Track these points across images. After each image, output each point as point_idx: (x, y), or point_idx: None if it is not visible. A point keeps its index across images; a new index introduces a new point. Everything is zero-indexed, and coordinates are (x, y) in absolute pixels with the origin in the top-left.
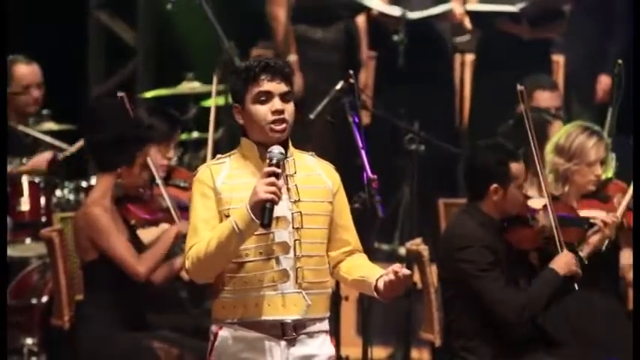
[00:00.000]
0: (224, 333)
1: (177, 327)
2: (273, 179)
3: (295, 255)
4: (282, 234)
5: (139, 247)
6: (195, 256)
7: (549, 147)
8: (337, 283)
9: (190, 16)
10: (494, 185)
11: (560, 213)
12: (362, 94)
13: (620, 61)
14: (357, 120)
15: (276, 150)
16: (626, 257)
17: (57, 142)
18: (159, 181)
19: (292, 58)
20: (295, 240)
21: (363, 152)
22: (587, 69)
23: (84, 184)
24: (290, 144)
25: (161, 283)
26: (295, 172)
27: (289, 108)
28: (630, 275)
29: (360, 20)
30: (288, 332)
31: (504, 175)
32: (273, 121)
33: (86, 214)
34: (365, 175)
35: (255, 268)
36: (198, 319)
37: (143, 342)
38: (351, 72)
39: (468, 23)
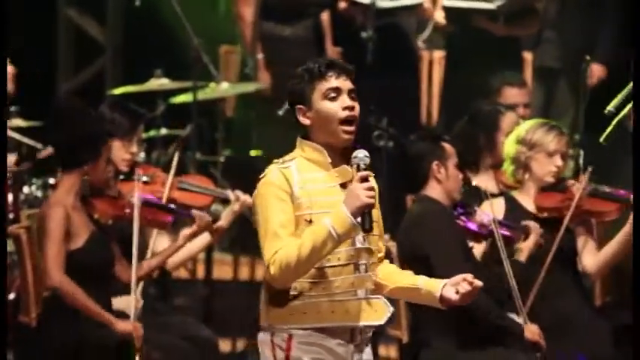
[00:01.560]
0: (300, 339)
1: (145, 324)
2: (369, 184)
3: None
4: (359, 239)
5: (105, 243)
6: (284, 261)
7: (509, 140)
8: None
9: (159, 13)
10: (436, 162)
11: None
12: None
13: (588, 57)
14: None
15: (362, 154)
16: (582, 244)
17: (25, 140)
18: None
19: (259, 57)
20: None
21: None
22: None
23: (51, 180)
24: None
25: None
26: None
27: (357, 106)
28: (588, 261)
29: (325, 16)
30: (357, 337)
31: (440, 152)
32: (345, 119)
33: (43, 212)
34: None
35: (333, 273)
36: (167, 316)
37: (110, 337)
38: None
39: (438, 19)
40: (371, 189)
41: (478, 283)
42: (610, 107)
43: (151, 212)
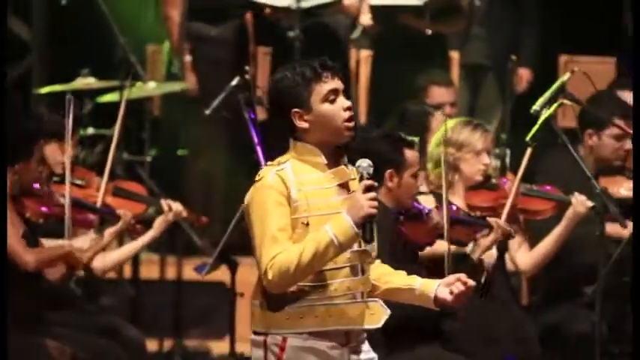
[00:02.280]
0: (293, 343)
1: (71, 324)
2: (374, 194)
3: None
4: (359, 242)
5: (35, 242)
6: (284, 266)
7: (434, 141)
8: (232, 280)
9: (85, 12)
10: (389, 170)
11: (454, 215)
12: (257, 90)
13: (514, 57)
14: (252, 116)
15: (365, 164)
16: (514, 242)
17: None
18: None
19: (187, 59)
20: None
21: (258, 148)
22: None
23: None
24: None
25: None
26: (354, 177)
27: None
28: (521, 260)
29: (249, 17)
30: (352, 340)
31: (399, 161)
32: (348, 119)
33: None
34: None
35: (330, 276)
36: (94, 316)
37: (36, 340)
38: (247, 68)
39: (365, 20)
40: (374, 199)
41: (471, 282)
42: (536, 106)
43: (79, 212)
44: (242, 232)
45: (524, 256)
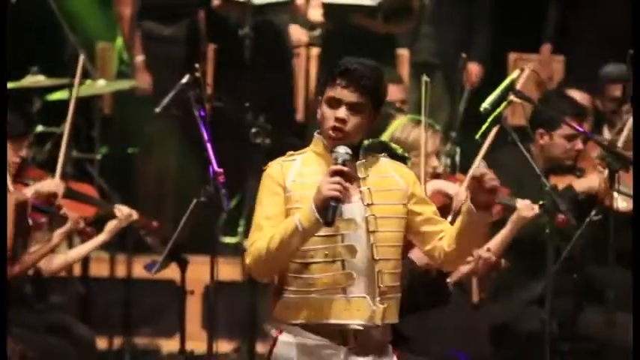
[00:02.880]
0: (284, 338)
1: (21, 322)
2: (338, 178)
3: (373, 258)
4: (349, 236)
5: None
6: (257, 252)
7: (385, 138)
8: (182, 278)
9: (35, 10)
10: None
11: None
12: (207, 88)
13: (464, 55)
14: (202, 113)
15: (342, 150)
16: None
17: None
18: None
19: (139, 58)
20: (372, 244)
21: (208, 145)
22: (455, 57)
23: None
24: (362, 148)
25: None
26: (367, 176)
27: (355, 120)
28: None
29: (201, 15)
30: (350, 340)
31: None
32: (333, 127)
33: None
34: (211, 169)
35: (321, 269)
36: (43, 314)
37: None
38: (197, 66)
39: (313, 16)
40: (337, 182)
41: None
42: (485, 104)
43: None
44: (192, 230)
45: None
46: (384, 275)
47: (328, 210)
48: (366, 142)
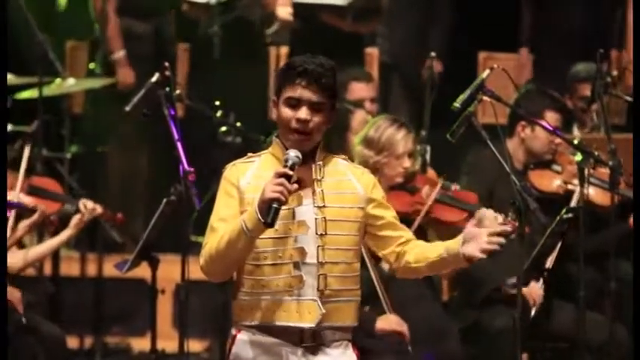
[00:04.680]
0: (242, 336)
1: None
2: (282, 180)
3: (318, 261)
4: (301, 238)
5: None
6: (208, 253)
7: (357, 139)
8: (153, 277)
9: (3, 8)
10: None
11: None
12: (177, 87)
13: (433, 54)
14: (172, 112)
15: (293, 153)
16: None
17: None
18: None
19: (120, 54)
20: (319, 246)
21: (179, 144)
22: (411, 56)
23: None
24: (319, 149)
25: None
26: (323, 177)
27: (317, 119)
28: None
29: (172, 13)
30: (307, 340)
31: None
32: (295, 129)
33: None
34: (181, 168)
35: (273, 271)
36: (13, 313)
37: None
38: (167, 64)
39: (284, 14)
40: (280, 184)
41: (497, 234)
42: (456, 103)
43: None
44: (163, 229)
45: None
46: (328, 279)
47: (270, 211)
48: None
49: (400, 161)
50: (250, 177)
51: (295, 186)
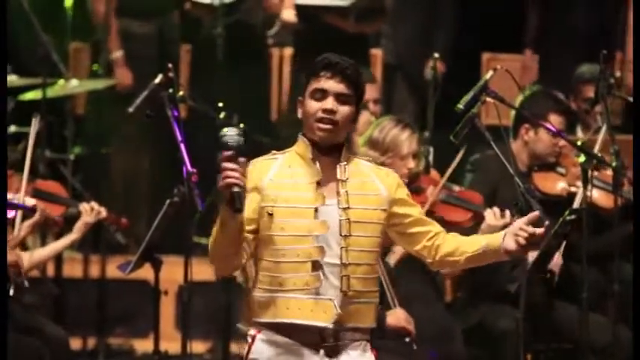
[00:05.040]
0: (262, 336)
1: None
2: (228, 164)
3: (342, 262)
4: (322, 238)
5: None
6: (209, 247)
7: (362, 140)
8: (156, 278)
9: (6, 9)
10: None
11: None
12: (181, 88)
13: (436, 54)
14: (175, 113)
15: (231, 132)
16: None
17: None
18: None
19: (118, 54)
20: (342, 247)
21: (182, 146)
22: (415, 56)
23: None
24: (344, 148)
25: None
26: (348, 179)
27: (343, 110)
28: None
29: (176, 14)
30: (328, 339)
31: None
32: (321, 119)
33: None
34: (184, 169)
35: (291, 269)
36: (17, 314)
37: None
38: (170, 65)
39: (288, 16)
40: (228, 169)
41: (533, 230)
42: (460, 105)
43: None
44: (166, 230)
45: None
46: (351, 280)
47: (234, 198)
48: None
49: (405, 162)
50: (273, 174)
51: (243, 159)
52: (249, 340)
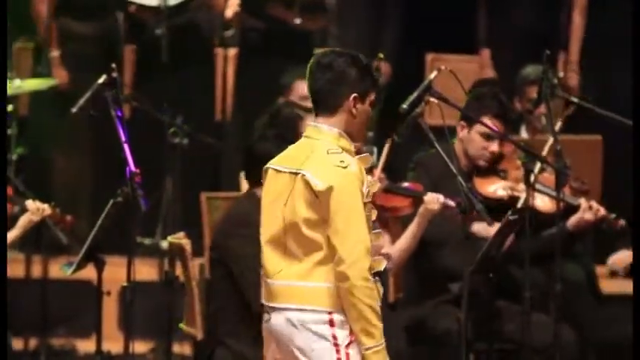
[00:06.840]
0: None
1: None
2: None
3: None
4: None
5: None
6: (367, 291)
7: None
8: (99, 279)
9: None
10: None
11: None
12: (124, 88)
13: (381, 55)
14: (119, 113)
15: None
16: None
17: None
18: None
19: (55, 54)
20: None
21: (125, 146)
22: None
23: None
24: None
25: None
26: None
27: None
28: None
29: (120, 15)
30: None
31: None
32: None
33: None
34: (128, 169)
35: None
36: None
37: None
38: (114, 65)
39: (230, 13)
40: None
41: None
42: (404, 105)
43: None
44: (109, 230)
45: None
46: None
47: None
48: None
49: None
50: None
51: None
52: (346, 343)
